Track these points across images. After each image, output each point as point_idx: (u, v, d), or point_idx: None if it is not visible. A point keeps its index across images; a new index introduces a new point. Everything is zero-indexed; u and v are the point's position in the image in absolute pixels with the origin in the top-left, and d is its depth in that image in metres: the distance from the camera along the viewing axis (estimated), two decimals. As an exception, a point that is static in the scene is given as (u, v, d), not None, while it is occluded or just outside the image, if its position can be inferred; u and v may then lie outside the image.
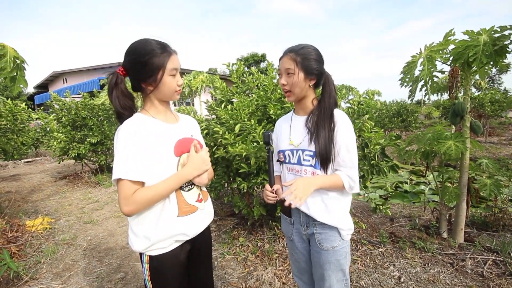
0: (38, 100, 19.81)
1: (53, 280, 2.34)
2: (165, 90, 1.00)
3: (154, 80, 0.97)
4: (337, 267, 1.16)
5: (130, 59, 0.97)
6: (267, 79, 2.64)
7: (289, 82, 1.12)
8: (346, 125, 1.10)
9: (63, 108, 5.66)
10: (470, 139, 2.40)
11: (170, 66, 0.97)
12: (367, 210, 3.45)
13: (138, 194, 0.91)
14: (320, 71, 1.12)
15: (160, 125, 1.02)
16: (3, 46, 2.31)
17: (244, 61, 31.41)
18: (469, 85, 2.36)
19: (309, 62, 1.09)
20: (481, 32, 2.03)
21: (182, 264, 1.06)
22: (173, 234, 1.01)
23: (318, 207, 1.14)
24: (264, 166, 2.18)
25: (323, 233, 1.15)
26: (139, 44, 0.97)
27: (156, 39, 0.99)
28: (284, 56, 1.14)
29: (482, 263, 2.22)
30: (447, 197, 2.45)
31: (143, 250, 0.99)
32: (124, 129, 0.93)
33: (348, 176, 1.09)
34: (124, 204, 0.90)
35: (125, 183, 0.90)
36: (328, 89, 1.14)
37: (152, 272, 1.00)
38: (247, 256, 2.50)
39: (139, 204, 0.91)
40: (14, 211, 4.03)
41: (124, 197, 0.90)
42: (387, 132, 12.02)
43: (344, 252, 1.17)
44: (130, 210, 0.91)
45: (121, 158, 0.90)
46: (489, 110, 10.05)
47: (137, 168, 0.91)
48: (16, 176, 6.86)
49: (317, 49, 1.13)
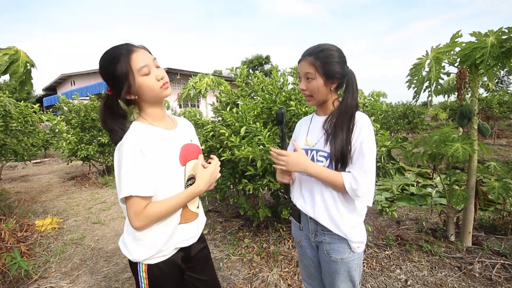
0: (47, 102, 20.18)
1: (62, 279, 2.38)
2: (147, 92, 0.92)
3: (129, 87, 0.89)
4: (346, 278, 1.11)
5: (103, 77, 0.93)
6: (271, 82, 2.66)
7: (309, 88, 1.06)
8: (366, 127, 1.03)
9: (72, 110, 5.78)
10: (478, 141, 2.38)
11: (137, 65, 0.88)
12: (373, 213, 3.43)
13: (150, 209, 0.90)
14: (342, 74, 1.06)
15: (161, 133, 0.98)
16: (16, 50, 2.37)
17: (249, 64, 31.52)
18: (476, 87, 2.34)
19: (330, 66, 1.02)
20: (489, 34, 2.01)
21: (178, 269, 1.05)
22: (176, 242, 1.01)
23: (324, 215, 1.09)
24: (269, 168, 2.19)
25: (332, 243, 1.10)
26: (101, 59, 0.91)
27: (114, 45, 0.92)
28: (302, 59, 1.08)
29: (490, 267, 2.19)
30: (455, 200, 2.42)
31: (146, 258, 0.97)
32: (129, 144, 0.88)
33: (353, 176, 1.00)
34: (135, 220, 0.89)
35: (135, 200, 0.88)
36: (350, 89, 1.08)
37: (151, 280, 0.99)
38: (252, 257, 2.51)
39: (151, 219, 0.90)
40: (23, 211, 4.11)
41: (135, 213, 0.88)
42: (393, 134, 11.92)
43: (355, 264, 1.10)
44: (142, 226, 0.90)
45: (129, 174, 0.87)
46: (498, 112, 9.88)
47: (147, 183, 0.89)
48: (25, 176, 6.99)
49: (339, 50, 1.06)
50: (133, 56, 0.89)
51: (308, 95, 1.10)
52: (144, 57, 0.91)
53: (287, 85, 2.66)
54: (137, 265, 0.99)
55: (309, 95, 1.09)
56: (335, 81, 1.06)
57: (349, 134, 1.03)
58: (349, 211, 1.08)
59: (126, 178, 0.87)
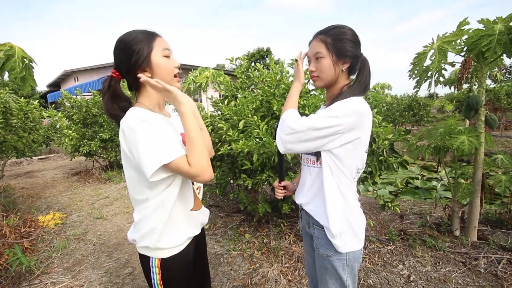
0: (51, 98, 20.29)
1: (64, 275, 2.39)
2: (162, 73, 0.92)
3: (147, 62, 0.90)
4: (334, 275, 1.04)
5: (118, 52, 0.92)
6: (270, 74, 2.59)
7: (318, 67, 0.98)
8: (344, 103, 0.92)
9: (74, 105, 5.78)
10: (484, 133, 2.30)
11: (160, 46, 0.92)
12: (376, 207, 3.38)
13: (190, 157, 0.84)
14: (355, 54, 0.97)
15: (161, 118, 0.95)
16: (11, 46, 2.33)
17: (250, 57, 31.26)
18: (484, 77, 2.25)
19: (342, 42, 0.95)
20: (497, 21, 1.92)
21: (190, 262, 1.03)
22: (189, 230, 1.00)
23: (314, 202, 1.06)
24: (268, 162, 2.15)
25: (319, 238, 1.05)
26: (122, 36, 0.93)
27: (138, 29, 0.95)
28: (313, 39, 1.01)
29: (496, 262, 2.13)
30: (460, 194, 2.36)
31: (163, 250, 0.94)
32: (131, 122, 0.84)
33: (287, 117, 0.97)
34: (195, 172, 0.83)
35: (179, 161, 0.82)
36: (361, 77, 0.99)
37: (164, 275, 0.96)
38: (253, 252, 2.49)
39: (201, 159, 0.84)
40: (27, 206, 4.16)
41: (188, 169, 0.83)
42: (398, 126, 11.76)
43: (343, 264, 1.01)
44: (204, 170, 0.84)
45: (157, 143, 0.81)
46: (506, 103, 9.65)
47: (173, 143, 0.85)
48: (30, 172, 7.07)
49: (352, 29, 0.99)
50: (159, 38, 0.94)
51: (316, 75, 1.01)
52: (167, 43, 0.96)
53: (287, 78, 2.60)
54: (150, 260, 0.95)
55: (317, 75, 1.00)
56: (347, 61, 0.97)
57: None
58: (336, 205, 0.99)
59: (156, 148, 0.81)
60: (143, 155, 0.81)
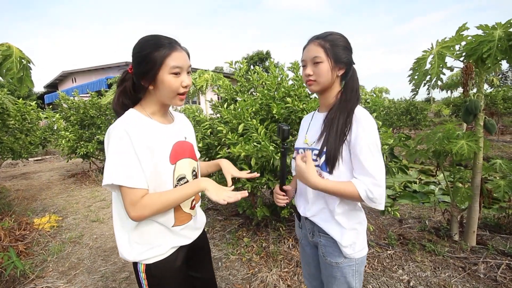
0: (48, 99, 20.16)
1: (59, 279, 2.35)
2: (164, 91, 0.90)
3: (152, 76, 0.88)
4: (343, 283, 1.04)
5: (133, 54, 0.92)
6: (270, 77, 2.59)
7: (315, 72, 1.00)
8: (366, 125, 0.94)
9: (72, 107, 5.74)
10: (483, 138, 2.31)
11: (171, 63, 0.87)
12: (375, 211, 3.37)
13: (147, 199, 0.86)
14: (350, 61, 1.02)
15: (155, 126, 0.95)
16: (9, 46, 2.32)
17: (249, 60, 31.34)
18: (482, 82, 2.26)
19: (338, 49, 0.99)
20: (496, 27, 1.93)
21: (179, 269, 1.02)
22: (171, 243, 0.99)
23: (321, 215, 1.06)
24: (268, 166, 2.13)
25: (327, 246, 1.05)
26: (143, 39, 0.91)
27: (165, 35, 0.92)
28: (309, 43, 1.02)
29: (495, 267, 2.13)
30: (459, 198, 2.36)
31: (144, 258, 0.95)
32: (118, 130, 0.86)
33: (364, 185, 0.92)
34: (131, 210, 0.85)
35: (129, 191, 0.85)
36: (351, 83, 1.03)
37: (150, 280, 0.97)
38: (251, 257, 2.47)
39: (149, 210, 0.86)
40: (22, 209, 4.10)
41: (130, 202, 0.85)
42: (396, 130, 11.81)
43: (352, 270, 1.03)
44: (139, 216, 0.86)
45: (120, 162, 0.84)
46: (502, 107, 9.75)
47: (136, 172, 0.86)
48: (26, 174, 7.00)
49: (345, 36, 1.03)
50: (174, 53, 0.89)
51: (312, 80, 1.02)
52: (182, 59, 0.91)
53: (286, 81, 2.59)
54: (137, 265, 0.97)
55: (314, 80, 1.01)
56: (343, 67, 1.01)
57: (344, 128, 0.96)
58: (346, 215, 1.02)
59: (116, 165, 0.84)
60: (108, 164, 0.85)
